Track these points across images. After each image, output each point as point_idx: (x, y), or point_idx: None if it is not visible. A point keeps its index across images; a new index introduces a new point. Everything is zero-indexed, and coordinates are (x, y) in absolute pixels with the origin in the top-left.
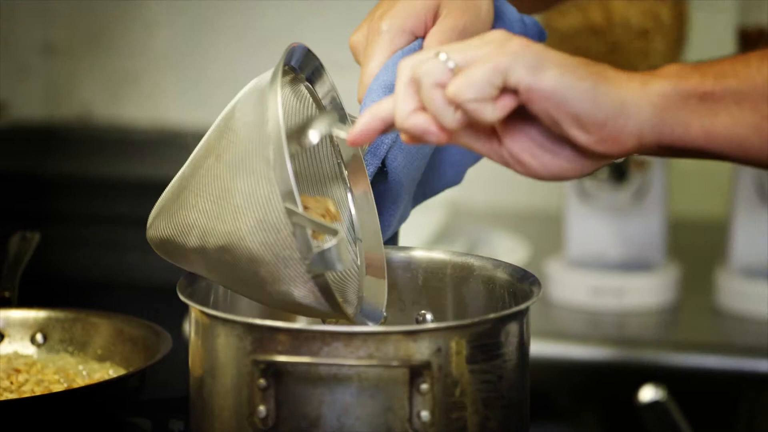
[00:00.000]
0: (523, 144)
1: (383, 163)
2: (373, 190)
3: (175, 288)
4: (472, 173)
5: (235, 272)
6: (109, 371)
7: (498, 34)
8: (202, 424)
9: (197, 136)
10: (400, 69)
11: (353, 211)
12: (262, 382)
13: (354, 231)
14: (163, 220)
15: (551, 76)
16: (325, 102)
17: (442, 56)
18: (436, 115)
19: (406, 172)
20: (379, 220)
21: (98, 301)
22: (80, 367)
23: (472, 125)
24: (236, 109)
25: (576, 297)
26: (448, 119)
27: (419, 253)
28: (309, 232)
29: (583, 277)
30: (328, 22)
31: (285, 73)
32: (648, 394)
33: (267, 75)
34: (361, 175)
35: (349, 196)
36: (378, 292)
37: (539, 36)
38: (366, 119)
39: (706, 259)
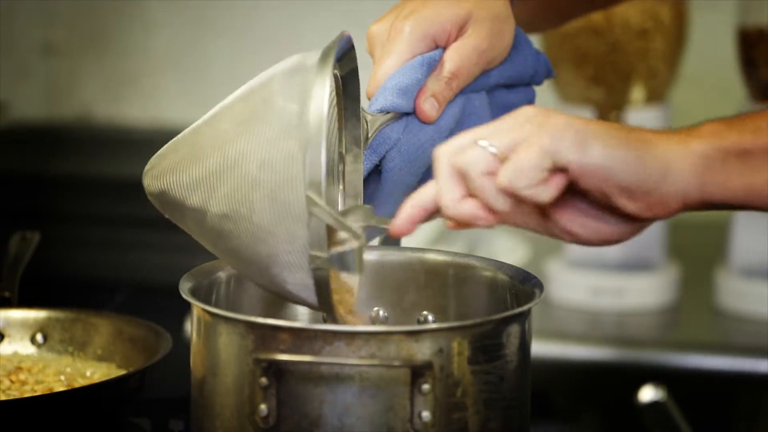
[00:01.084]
0: (571, 216)
1: (379, 163)
2: (365, 188)
3: (176, 288)
4: None
5: (230, 242)
6: (109, 371)
7: (530, 111)
8: (203, 423)
9: None
10: (438, 157)
11: (340, 204)
12: (263, 380)
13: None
14: (166, 169)
15: (597, 150)
16: (347, 111)
17: (482, 143)
18: (488, 203)
19: (400, 176)
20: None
21: (98, 301)
22: (80, 367)
23: (523, 205)
24: (273, 83)
25: (576, 297)
26: (500, 205)
27: (421, 254)
28: (326, 226)
29: (583, 277)
30: (328, 22)
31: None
32: (648, 394)
33: (313, 55)
34: (357, 184)
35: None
36: (350, 284)
37: (547, 72)
38: (409, 210)
39: (706, 259)
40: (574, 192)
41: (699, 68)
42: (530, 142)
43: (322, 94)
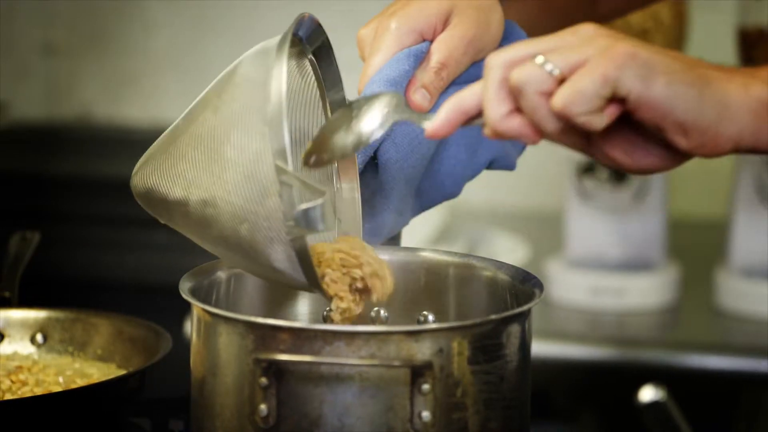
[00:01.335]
0: (617, 143)
1: (375, 156)
2: (365, 186)
3: (176, 288)
4: None
5: (215, 228)
6: (109, 371)
7: (592, 30)
8: (203, 423)
9: None
10: (490, 67)
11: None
12: (263, 380)
13: (335, 213)
14: (150, 168)
15: (660, 85)
16: (327, 87)
17: (539, 59)
18: (538, 123)
19: (397, 168)
20: (373, 218)
21: (98, 301)
22: (80, 367)
23: (572, 128)
24: (240, 66)
25: (576, 297)
26: (551, 127)
27: (421, 254)
28: (296, 194)
29: (583, 277)
30: (328, 23)
31: (293, 43)
32: (648, 394)
33: (275, 38)
34: (351, 167)
35: (335, 182)
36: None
37: None
38: (449, 112)
39: (706, 259)
40: (624, 120)
41: None
42: (592, 66)
43: (280, 71)
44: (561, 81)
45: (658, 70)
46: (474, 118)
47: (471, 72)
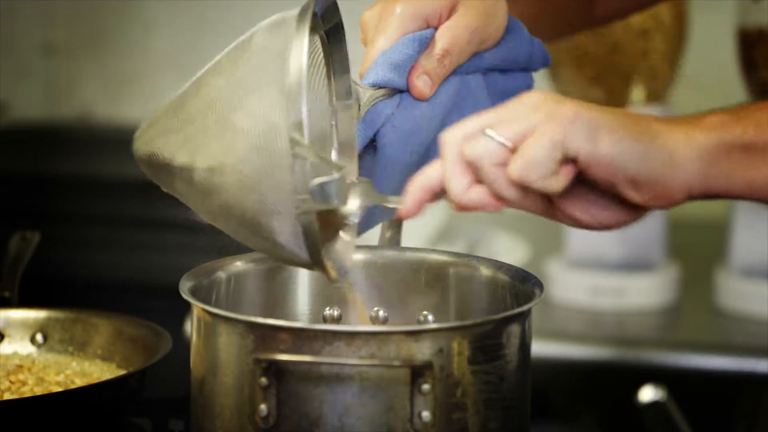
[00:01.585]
0: (576, 203)
1: (374, 139)
2: (362, 170)
3: (176, 288)
4: None
5: (219, 198)
6: (109, 371)
7: (536, 98)
8: (203, 423)
9: None
10: (446, 143)
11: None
12: (263, 380)
13: None
14: (155, 132)
15: (607, 143)
16: (335, 65)
17: (491, 133)
18: (498, 193)
19: (396, 152)
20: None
21: (98, 301)
22: (80, 367)
23: (529, 193)
24: (255, 36)
25: (576, 297)
26: (511, 195)
27: (421, 254)
28: (309, 171)
29: (583, 277)
30: None
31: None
32: (648, 394)
33: (293, 10)
34: (350, 153)
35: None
36: (346, 250)
37: (544, 59)
38: (415, 192)
39: (706, 259)
40: (579, 180)
41: (699, 68)
42: (540, 132)
43: (301, 42)
44: (514, 151)
45: (603, 128)
46: (441, 194)
47: (472, 62)
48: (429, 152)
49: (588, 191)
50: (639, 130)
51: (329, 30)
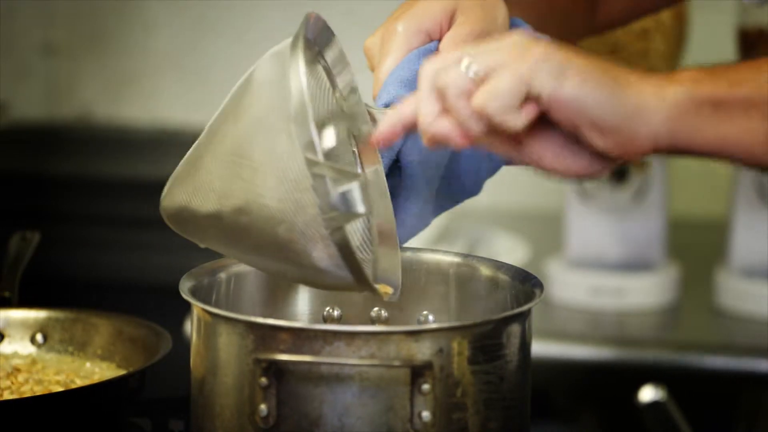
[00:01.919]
0: (544, 146)
1: (398, 158)
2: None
3: (176, 288)
4: None
5: (251, 237)
6: (109, 371)
7: (517, 37)
8: (203, 423)
9: (197, 136)
10: (422, 74)
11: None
12: (263, 380)
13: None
14: (178, 188)
15: (572, 84)
16: (340, 84)
17: (464, 63)
18: (462, 124)
19: (421, 168)
20: (398, 219)
21: (98, 301)
22: (80, 367)
23: (495, 130)
24: (254, 73)
25: (576, 297)
26: (473, 127)
27: (421, 254)
28: (330, 185)
29: (583, 277)
30: (328, 23)
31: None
32: (648, 394)
33: (285, 41)
34: (372, 154)
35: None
36: (393, 263)
37: None
38: (389, 122)
39: (706, 259)
40: (548, 123)
41: None
42: (509, 67)
43: (297, 66)
44: (480, 84)
45: (570, 70)
46: (414, 127)
47: None
48: (451, 164)
49: (556, 136)
50: (608, 77)
51: (326, 48)
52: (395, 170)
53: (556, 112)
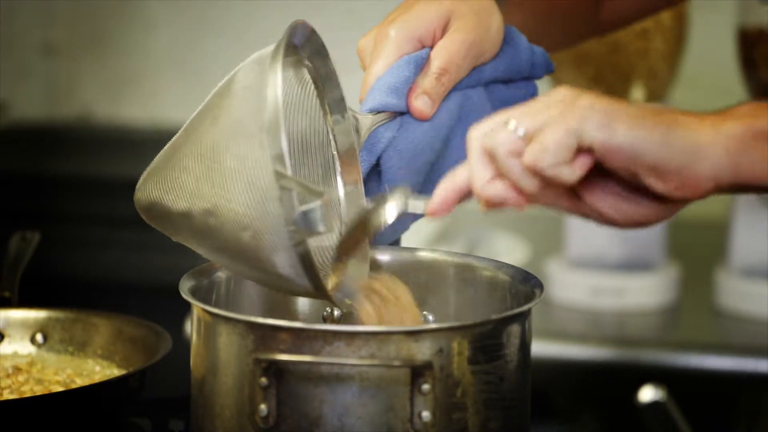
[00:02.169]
0: (603, 197)
1: (378, 163)
2: (366, 193)
3: (176, 288)
4: None
5: (218, 238)
6: (109, 371)
7: (564, 93)
8: (203, 423)
9: None
10: (471, 139)
11: (342, 202)
12: (263, 380)
13: (341, 220)
14: (153, 182)
15: (624, 130)
16: (325, 89)
17: (512, 124)
18: (516, 183)
19: (400, 175)
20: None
21: (98, 301)
22: (80, 367)
23: (551, 186)
24: (236, 76)
25: (576, 297)
26: (527, 185)
27: (421, 254)
28: (296, 199)
29: (583, 277)
30: (329, 23)
31: (289, 51)
32: (648, 394)
33: (270, 46)
34: (354, 168)
35: (340, 187)
36: (359, 275)
37: (547, 66)
38: (443, 191)
39: (706, 259)
40: (605, 173)
41: (699, 68)
42: (557, 122)
43: (275, 77)
44: (530, 141)
45: (620, 117)
46: (468, 194)
47: (472, 77)
48: (433, 172)
49: (614, 185)
50: (658, 120)
51: (313, 55)
52: (375, 175)
53: (611, 160)
